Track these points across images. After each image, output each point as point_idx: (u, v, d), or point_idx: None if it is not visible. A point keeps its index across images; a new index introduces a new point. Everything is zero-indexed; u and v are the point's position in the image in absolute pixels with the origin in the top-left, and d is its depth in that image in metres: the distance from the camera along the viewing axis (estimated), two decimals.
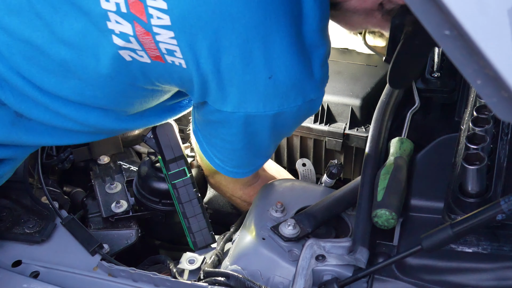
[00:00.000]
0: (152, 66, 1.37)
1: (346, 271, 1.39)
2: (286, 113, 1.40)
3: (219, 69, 1.32)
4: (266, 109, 1.38)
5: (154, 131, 1.62)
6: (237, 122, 1.41)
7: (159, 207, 1.75)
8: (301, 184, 1.67)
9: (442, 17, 0.90)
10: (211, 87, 1.36)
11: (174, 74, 1.38)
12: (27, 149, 1.60)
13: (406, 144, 1.58)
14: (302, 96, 1.39)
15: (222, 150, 1.54)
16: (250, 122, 1.41)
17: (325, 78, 1.46)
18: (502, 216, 1.21)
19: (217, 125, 1.46)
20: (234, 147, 1.50)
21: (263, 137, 1.47)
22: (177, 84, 1.43)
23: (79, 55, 1.36)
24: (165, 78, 1.40)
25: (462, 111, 1.64)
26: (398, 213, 1.40)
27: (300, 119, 1.53)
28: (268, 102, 1.37)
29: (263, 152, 1.57)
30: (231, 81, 1.34)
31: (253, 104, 1.37)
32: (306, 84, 1.39)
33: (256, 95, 1.36)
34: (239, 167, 1.58)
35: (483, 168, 1.29)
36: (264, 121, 1.41)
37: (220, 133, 1.48)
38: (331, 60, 1.97)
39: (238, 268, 1.43)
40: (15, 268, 1.53)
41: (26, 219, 1.64)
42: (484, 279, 1.33)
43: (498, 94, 0.94)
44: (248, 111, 1.38)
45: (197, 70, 1.33)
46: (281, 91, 1.36)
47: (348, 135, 1.86)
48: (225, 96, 1.37)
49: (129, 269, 1.46)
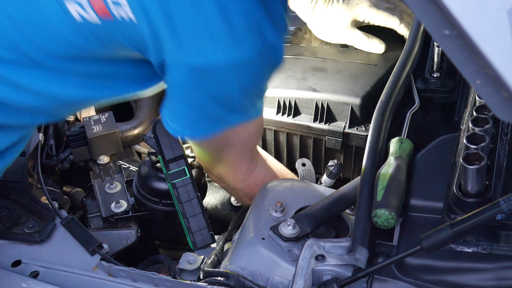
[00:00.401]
0: (103, 27, 1.34)
1: (346, 271, 1.39)
2: (247, 62, 1.36)
3: (169, 15, 1.29)
4: (226, 55, 1.34)
5: (154, 130, 1.62)
6: (197, 75, 1.37)
7: (159, 207, 1.74)
8: (301, 184, 1.67)
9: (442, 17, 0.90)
10: (164, 38, 1.33)
11: (126, 33, 1.35)
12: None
13: (406, 144, 1.58)
14: (260, 37, 1.34)
15: (190, 116, 1.50)
16: (211, 74, 1.37)
17: (283, 25, 1.41)
18: (501, 216, 1.21)
19: (178, 85, 1.42)
20: (201, 105, 1.45)
21: (230, 90, 1.42)
22: (132, 47, 1.39)
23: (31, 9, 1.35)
24: (118, 40, 1.37)
25: (462, 111, 1.65)
26: (397, 213, 1.40)
27: (265, 68, 1.45)
28: (227, 46, 1.33)
29: (233, 105, 1.49)
30: (184, 26, 1.31)
31: (211, 50, 1.33)
32: (262, 23, 1.34)
33: (211, 40, 1.32)
34: (212, 126, 1.51)
35: (482, 168, 1.29)
36: (227, 71, 1.37)
37: (183, 93, 1.44)
38: (331, 59, 1.99)
39: (237, 268, 1.43)
40: (14, 268, 1.53)
41: (25, 219, 1.63)
42: (484, 279, 1.33)
43: (498, 94, 0.94)
44: (208, 59, 1.34)
45: (147, 21, 1.31)
46: (237, 32, 1.32)
47: (348, 134, 1.86)
48: (181, 45, 1.33)
49: (128, 269, 1.46)
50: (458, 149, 1.47)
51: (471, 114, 1.46)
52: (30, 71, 1.44)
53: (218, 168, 1.70)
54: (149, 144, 1.65)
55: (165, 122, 1.54)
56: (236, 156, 1.65)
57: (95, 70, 1.47)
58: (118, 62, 1.47)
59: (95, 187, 1.83)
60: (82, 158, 1.95)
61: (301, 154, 1.98)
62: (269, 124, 1.93)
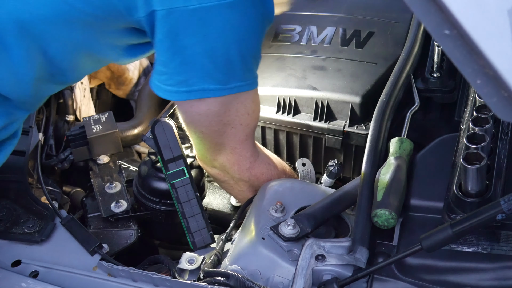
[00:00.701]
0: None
1: (346, 271, 1.39)
2: (240, 5, 1.37)
3: None
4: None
5: (153, 130, 1.62)
6: (192, 19, 1.37)
7: (159, 207, 1.74)
8: (301, 184, 1.67)
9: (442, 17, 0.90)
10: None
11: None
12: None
13: (406, 143, 1.58)
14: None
15: (185, 67, 1.46)
16: (206, 18, 1.36)
17: None
18: (502, 216, 1.21)
19: (172, 35, 1.40)
20: (196, 55, 1.43)
21: (227, 41, 1.41)
22: (120, 4, 1.38)
23: None
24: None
25: (462, 110, 1.65)
26: (398, 213, 1.40)
27: (257, 18, 1.45)
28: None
29: (232, 66, 1.47)
30: None
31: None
32: None
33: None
34: (209, 80, 1.48)
35: (483, 167, 1.29)
36: (220, 14, 1.36)
37: (177, 42, 1.42)
38: (331, 58, 1.99)
39: (237, 268, 1.43)
40: (14, 268, 1.53)
41: (25, 219, 1.63)
42: (484, 279, 1.33)
43: (498, 94, 0.94)
44: (201, 2, 1.34)
45: None
46: None
47: (347, 132, 1.86)
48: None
49: (128, 269, 1.46)
50: (458, 149, 1.47)
51: (471, 114, 1.46)
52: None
53: (221, 158, 1.66)
54: (148, 144, 1.65)
55: (157, 87, 1.50)
56: (238, 140, 1.63)
57: (79, 38, 1.46)
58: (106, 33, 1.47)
59: (95, 187, 1.83)
60: (82, 158, 1.95)
61: (301, 153, 1.98)
62: (269, 122, 1.93)
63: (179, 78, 1.47)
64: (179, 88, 1.49)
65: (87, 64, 1.60)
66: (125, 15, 1.42)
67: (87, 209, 1.80)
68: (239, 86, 1.51)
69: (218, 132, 1.59)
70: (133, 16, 1.41)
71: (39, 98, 1.63)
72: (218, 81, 1.47)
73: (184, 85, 1.48)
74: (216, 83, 1.48)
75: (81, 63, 1.58)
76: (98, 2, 1.39)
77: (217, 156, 1.66)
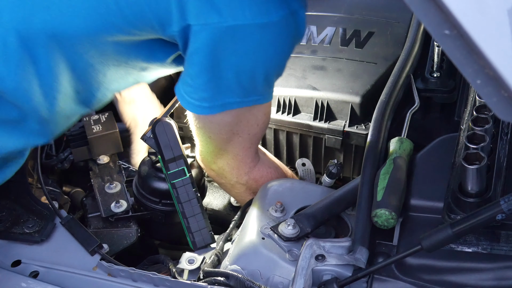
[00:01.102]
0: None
1: (346, 271, 1.39)
2: (274, 26, 1.37)
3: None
4: (253, 15, 1.34)
5: (153, 130, 1.62)
6: (224, 37, 1.37)
7: (159, 207, 1.74)
8: (301, 184, 1.67)
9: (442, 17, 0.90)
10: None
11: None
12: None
13: (406, 143, 1.58)
14: (286, 3, 1.37)
15: (209, 84, 1.47)
16: (239, 36, 1.37)
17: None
18: (501, 216, 1.21)
19: (204, 50, 1.41)
20: (224, 72, 1.44)
21: (253, 57, 1.42)
22: (152, 10, 1.37)
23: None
24: (140, 6, 1.36)
25: (462, 110, 1.64)
26: (397, 213, 1.40)
27: (289, 41, 1.47)
28: (254, 5, 1.34)
29: (255, 82, 1.49)
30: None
31: (239, 9, 1.34)
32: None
33: (240, 1, 1.33)
34: (229, 95, 1.49)
35: (482, 167, 1.29)
36: (254, 35, 1.37)
37: (206, 60, 1.42)
38: (331, 58, 1.99)
39: (237, 268, 1.42)
40: (14, 268, 1.53)
41: (25, 219, 1.63)
42: (484, 279, 1.33)
43: (498, 94, 0.94)
44: (236, 19, 1.34)
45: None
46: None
47: (347, 132, 1.86)
48: (209, 4, 1.33)
49: (128, 269, 1.46)
50: (458, 149, 1.47)
51: (471, 114, 1.46)
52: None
53: (221, 162, 1.67)
54: (148, 144, 1.65)
55: (181, 96, 1.51)
56: (243, 147, 1.64)
57: (110, 52, 1.45)
58: (134, 45, 1.46)
59: (95, 187, 1.83)
60: (82, 158, 1.95)
61: (301, 153, 1.98)
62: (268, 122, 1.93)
63: (204, 94, 1.48)
64: (202, 103, 1.50)
65: (113, 81, 1.58)
66: (158, 29, 1.42)
67: (87, 209, 1.80)
68: (256, 100, 1.53)
69: (225, 139, 1.60)
70: (167, 30, 1.41)
71: (61, 120, 1.60)
72: (238, 95, 1.49)
73: (208, 101, 1.49)
74: (236, 97, 1.49)
75: (107, 80, 1.56)
76: (132, 17, 1.38)
77: (218, 159, 1.67)
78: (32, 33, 1.39)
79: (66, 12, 1.37)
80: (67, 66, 1.46)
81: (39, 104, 1.49)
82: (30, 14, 1.37)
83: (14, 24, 1.37)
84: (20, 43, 1.38)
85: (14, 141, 1.53)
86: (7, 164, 1.58)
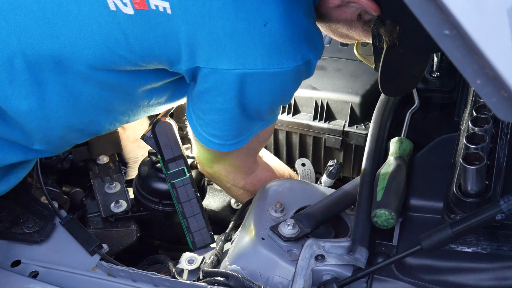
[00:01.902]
0: (135, 20, 1.32)
1: (346, 271, 1.39)
2: (285, 74, 1.37)
3: (210, 14, 1.28)
4: (264, 66, 1.33)
5: (153, 130, 1.62)
6: (234, 83, 1.36)
7: (158, 207, 1.74)
8: (301, 184, 1.67)
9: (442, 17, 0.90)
10: (201, 39, 1.31)
11: (158, 29, 1.33)
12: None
13: (406, 144, 1.58)
14: (300, 54, 1.36)
15: (220, 124, 1.48)
16: (248, 82, 1.36)
17: (320, 38, 1.43)
18: (501, 216, 1.21)
19: (213, 92, 1.40)
20: (233, 115, 1.44)
21: (261, 99, 1.42)
22: (161, 49, 1.36)
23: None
24: (147, 38, 1.34)
25: (462, 111, 1.64)
26: (397, 213, 1.40)
27: (298, 82, 1.48)
28: (266, 57, 1.33)
29: (260, 116, 1.51)
30: (224, 29, 1.29)
31: (251, 59, 1.33)
32: (302, 39, 1.35)
33: (252, 47, 1.32)
34: (239, 135, 1.51)
35: (482, 168, 1.29)
36: (263, 81, 1.36)
37: (216, 102, 1.42)
38: (331, 57, 1.99)
39: (237, 268, 1.42)
40: (14, 268, 1.53)
41: (25, 219, 1.63)
42: (484, 279, 1.33)
43: (498, 94, 0.94)
44: (246, 67, 1.33)
45: (184, 16, 1.29)
46: (279, 43, 1.32)
47: (347, 132, 1.86)
48: (219, 49, 1.32)
49: (128, 269, 1.46)
50: (458, 149, 1.47)
51: (471, 114, 1.46)
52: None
53: (217, 167, 1.68)
54: (148, 144, 1.65)
55: (192, 124, 1.52)
56: (240, 158, 1.65)
57: (113, 80, 1.44)
58: (138, 75, 1.45)
59: (95, 187, 1.82)
60: (81, 158, 1.95)
61: (300, 153, 1.98)
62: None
63: (213, 132, 1.49)
64: (212, 139, 1.51)
65: (122, 112, 1.57)
66: (166, 65, 1.41)
67: (86, 209, 1.80)
68: (261, 125, 1.54)
69: (223, 152, 1.60)
70: (174, 67, 1.41)
71: (63, 144, 1.60)
72: (245, 129, 1.51)
73: (217, 139, 1.50)
74: (244, 134, 1.51)
75: (116, 111, 1.55)
76: (141, 52, 1.37)
77: (215, 164, 1.68)
78: (39, 58, 1.37)
79: (74, 43, 1.36)
80: (72, 95, 1.44)
81: (42, 127, 1.48)
82: (39, 41, 1.35)
83: (22, 47, 1.36)
84: (27, 66, 1.37)
85: (14, 156, 1.52)
86: (12, 171, 1.57)
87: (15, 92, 1.40)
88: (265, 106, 1.46)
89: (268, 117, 1.54)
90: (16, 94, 1.40)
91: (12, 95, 1.40)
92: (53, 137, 1.52)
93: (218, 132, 1.50)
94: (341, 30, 1.51)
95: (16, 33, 1.35)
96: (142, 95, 1.51)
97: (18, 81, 1.39)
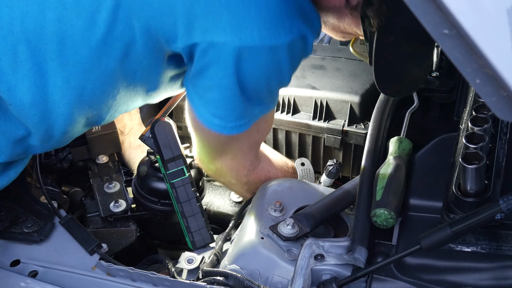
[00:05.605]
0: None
1: (345, 271, 1.39)
2: (281, 48, 1.36)
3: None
4: (261, 38, 1.33)
5: (152, 130, 1.61)
6: (231, 57, 1.35)
7: (158, 207, 1.74)
8: (300, 184, 1.67)
9: (441, 16, 0.90)
10: (197, 11, 1.31)
11: (154, 3, 1.32)
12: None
13: (405, 143, 1.58)
14: (297, 27, 1.35)
15: (220, 102, 1.46)
16: (245, 58, 1.35)
17: (317, 18, 1.42)
18: (501, 216, 1.21)
19: (211, 68, 1.39)
20: (232, 94, 1.43)
21: (259, 76, 1.41)
22: (157, 25, 1.35)
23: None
24: (143, 15, 1.34)
25: (461, 110, 1.65)
26: (397, 212, 1.40)
27: (294, 60, 1.45)
28: (263, 29, 1.32)
29: (259, 97, 1.49)
30: (220, 0, 1.30)
31: (247, 31, 1.32)
32: (299, 14, 1.35)
33: (249, 18, 1.31)
34: (240, 118, 1.49)
35: (482, 167, 1.29)
36: (260, 55, 1.36)
37: (216, 78, 1.41)
38: (330, 57, 1.99)
39: (237, 268, 1.42)
40: (13, 267, 1.53)
41: (24, 219, 1.63)
42: (483, 279, 1.33)
43: (497, 93, 0.94)
44: (243, 40, 1.32)
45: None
46: (275, 15, 1.32)
47: (347, 131, 1.86)
48: (216, 21, 1.32)
49: (127, 269, 1.46)
50: (457, 148, 1.47)
51: (470, 114, 1.46)
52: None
53: (219, 162, 1.66)
54: (147, 144, 1.64)
55: (194, 104, 1.50)
56: (241, 151, 1.63)
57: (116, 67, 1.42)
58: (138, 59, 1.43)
59: (94, 187, 1.82)
60: (81, 158, 1.95)
61: (300, 152, 1.98)
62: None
63: (214, 111, 1.47)
64: (213, 120, 1.48)
65: (122, 103, 1.55)
66: (163, 43, 1.40)
67: (86, 208, 1.80)
68: (260, 110, 1.52)
69: (223, 143, 1.59)
70: (171, 46, 1.40)
71: (64, 138, 1.57)
72: (246, 112, 1.48)
73: (219, 119, 1.48)
74: (245, 115, 1.49)
75: (116, 103, 1.53)
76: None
77: (216, 160, 1.66)
78: (43, 44, 1.36)
79: (76, 25, 1.35)
80: (77, 86, 1.43)
81: (44, 121, 1.46)
82: (41, 25, 1.35)
83: (25, 33, 1.35)
84: (30, 53, 1.36)
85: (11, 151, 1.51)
86: (11, 165, 1.57)
87: (19, 83, 1.39)
88: (262, 84, 1.44)
89: (267, 100, 1.52)
90: (19, 85, 1.39)
91: (16, 86, 1.39)
92: (56, 131, 1.50)
93: (219, 112, 1.47)
94: (332, 21, 1.50)
95: (19, 18, 1.35)
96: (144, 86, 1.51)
97: (21, 72, 1.38)
